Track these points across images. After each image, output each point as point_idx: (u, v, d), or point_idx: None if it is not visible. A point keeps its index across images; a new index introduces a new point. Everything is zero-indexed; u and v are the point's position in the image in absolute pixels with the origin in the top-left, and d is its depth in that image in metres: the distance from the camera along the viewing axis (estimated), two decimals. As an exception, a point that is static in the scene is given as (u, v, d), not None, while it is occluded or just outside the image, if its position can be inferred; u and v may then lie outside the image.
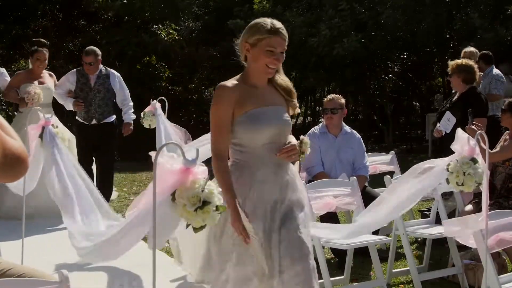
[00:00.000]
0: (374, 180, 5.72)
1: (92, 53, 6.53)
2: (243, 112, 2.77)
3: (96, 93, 6.55)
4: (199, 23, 15.42)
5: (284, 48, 2.80)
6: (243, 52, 2.86)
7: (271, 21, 2.79)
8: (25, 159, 1.76)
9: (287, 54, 2.85)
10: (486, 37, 10.71)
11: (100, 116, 6.58)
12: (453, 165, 2.98)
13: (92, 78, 6.56)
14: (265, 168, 2.78)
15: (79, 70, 6.66)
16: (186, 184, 2.31)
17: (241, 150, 2.81)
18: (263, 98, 2.83)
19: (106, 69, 6.70)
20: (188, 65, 14.42)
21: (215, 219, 2.34)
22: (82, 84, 6.56)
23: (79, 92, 6.57)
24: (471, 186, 2.98)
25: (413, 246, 5.40)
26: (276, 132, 2.82)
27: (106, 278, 4.35)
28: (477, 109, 5.39)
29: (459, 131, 3.07)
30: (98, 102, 6.55)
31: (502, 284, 3.24)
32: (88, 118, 6.58)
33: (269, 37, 2.74)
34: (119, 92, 6.67)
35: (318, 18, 12.87)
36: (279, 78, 2.92)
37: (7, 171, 1.73)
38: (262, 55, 2.75)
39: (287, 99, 2.94)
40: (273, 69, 2.81)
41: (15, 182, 3.95)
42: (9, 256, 3.50)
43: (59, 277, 1.98)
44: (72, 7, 14.34)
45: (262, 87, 2.86)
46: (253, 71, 2.84)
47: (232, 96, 2.77)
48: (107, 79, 6.62)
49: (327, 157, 5.19)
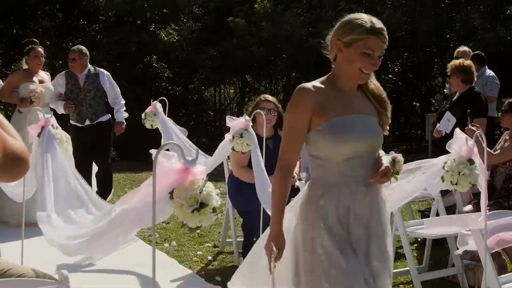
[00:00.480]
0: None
1: (76, 50, 6.49)
2: (324, 120, 2.39)
3: (86, 92, 6.45)
4: (199, 23, 15.42)
5: (383, 52, 2.42)
6: (333, 51, 2.48)
7: (370, 19, 2.43)
8: (26, 159, 1.74)
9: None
10: (486, 37, 10.71)
11: (93, 115, 6.47)
12: (450, 164, 3.00)
13: (81, 78, 6.46)
14: (347, 187, 2.41)
15: (67, 72, 6.58)
16: (184, 184, 2.31)
17: (320, 165, 2.45)
18: (351, 105, 2.45)
19: (95, 69, 6.59)
20: (188, 65, 14.41)
21: (211, 220, 2.35)
22: (72, 85, 6.47)
23: (69, 93, 6.48)
24: (465, 186, 2.99)
25: (413, 246, 5.41)
26: (363, 146, 2.42)
27: (106, 278, 4.35)
28: (477, 109, 5.40)
29: (457, 131, 3.08)
30: (89, 102, 6.45)
31: (502, 284, 3.24)
32: (81, 119, 6.48)
33: (368, 38, 2.37)
34: (109, 90, 6.56)
35: (318, 18, 12.88)
36: (371, 83, 2.53)
37: (7, 171, 1.71)
38: (356, 57, 2.38)
39: (379, 110, 2.52)
40: (367, 75, 2.44)
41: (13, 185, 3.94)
42: (9, 256, 3.51)
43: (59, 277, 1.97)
44: (72, 7, 14.33)
45: (350, 92, 2.48)
46: (343, 74, 2.45)
47: (312, 100, 2.39)
48: (96, 78, 6.51)
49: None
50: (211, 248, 5.44)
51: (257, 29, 13.35)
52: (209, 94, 17.27)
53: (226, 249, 5.35)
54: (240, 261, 4.92)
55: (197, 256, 5.15)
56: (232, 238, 5.06)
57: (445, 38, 12.66)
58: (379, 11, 12.23)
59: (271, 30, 12.92)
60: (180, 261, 4.98)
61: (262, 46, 13.32)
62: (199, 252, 5.29)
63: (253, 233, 4.75)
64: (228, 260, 5.09)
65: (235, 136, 4.14)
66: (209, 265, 4.95)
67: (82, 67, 6.45)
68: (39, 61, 6.38)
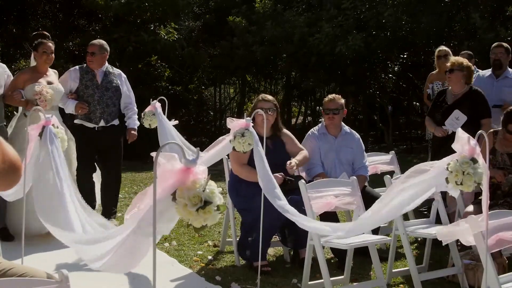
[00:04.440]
0: (374, 180, 5.73)
1: (97, 44, 5.96)
2: None
3: (104, 91, 5.90)
4: (199, 22, 15.43)
5: None
6: None
7: None
8: (20, 168, 1.82)
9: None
10: (486, 37, 10.71)
11: (108, 117, 5.91)
12: (453, 165, 2.99)
13: (99, 74, 5.92)
14: None
15: (82, 67, 5.99)
16: (186, 184, 2.30)
17: None
18: None
19: (112, 68, 6.13)
20: (188, 65, 14.42)
21: (216, 219, 2.34)
22: (88, 81, 5.88)
23: (84, 89, 5.86)
24: (470, 186, 2.97)
25: (413, 246, 5.41)
26: None
27: (106, 278, 4.35)
28: (484, 109, 5.39)
29: (459, 131, 3.07)
30: (106, 101, 5.89)
31: (502, 284, 3.24)
32: (96, 119, 5.86)
33: None
34: (125, 94, 6.07)
35: (318, 18, 12.88)
36: None
37: (3, 179, 1.78)
38: None
39: None
40: None
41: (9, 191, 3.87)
42: (9, 256, 3.51)
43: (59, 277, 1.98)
44: (72, 6, 14.34)
45: None
46: None
47: None
48: (114, 78, 6.02)
49: (327, 157, 5.20)
50: (211, 248, 5.44)
51: (257, 29, 13.35)
52: (209, 94, 17.27)
53: (226, 249, 5.35)
54: (240, 261, 4.93)
55: (197, 256, 5.15)
56: (232, 237, 5.06)
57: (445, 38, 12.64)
58: (380, 10, 12.23)
59: (271, 29, 12.93)
60: (180, 260, 4.99)
61: (262, 45, 13.33)
62: (199, 251, 5.29)
63: (250, 232, 4.77)
64: (228, 259, 5.10)
65: (236, 136, 4.13)
66: (209, 265, 4.95)
67: (101, 63, 5.96)
68: (47, 58, 5.67)
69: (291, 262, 5.02)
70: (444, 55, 6.84)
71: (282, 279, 4.54)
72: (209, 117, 16.53)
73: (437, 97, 5.68)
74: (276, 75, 16.71)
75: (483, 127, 5.19)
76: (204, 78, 15.83)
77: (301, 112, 19.41)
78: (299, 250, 4.86)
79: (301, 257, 4.72)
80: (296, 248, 4.92)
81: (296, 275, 4.57)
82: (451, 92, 5.51)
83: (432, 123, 5.58)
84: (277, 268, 4.84)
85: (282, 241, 5.07)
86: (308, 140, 5.26)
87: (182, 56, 14.02)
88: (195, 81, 15.34)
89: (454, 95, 5.48)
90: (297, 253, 4.92)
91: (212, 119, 16.62)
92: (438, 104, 5.57)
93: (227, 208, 5.12)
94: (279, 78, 17.32)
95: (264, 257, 4.72)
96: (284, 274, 4.68)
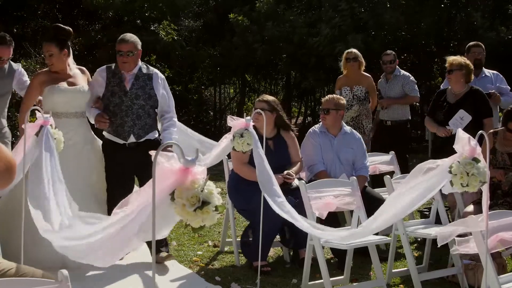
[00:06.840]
0: (374, 180, 5.72)
1: (131, 40, 4.79)
2: None
3: (133, 98, 4.74)
4: (199, 22, 15.42)
5: None
6: None
7: None
8: (15, 169, 1.86)
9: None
10: (487, 36, 10.72)
11: (140, 130, 4.77)
12: (456, 167, 2.95)
13: (128, 78, 4.78)
14: None
15: (109, 67, 4.88)
16: (185, 184, 2.30)
17: None
18: None
19: (147, 68, 4.93)
20: (188, 64, 14.42)
21: (214, 219, 2.34)
22: (114, 86, 4.77)
23: (109, 96, 4.76)
24: (476, 186, 2.96)
25: (413, 246, 5.41)
26: None
27: (106, 278, 4.35)
28: (486, 109, 5.39)
29: (459, 132, 3.05)
30: (137, 112, 4.75)
31: (502, 284, 3.24)
32: (124, 134, 4.74)
33: None
34: (162, 99, 4.86)
35: (318, 18, 12.88)
36: None
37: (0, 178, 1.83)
38: None
39: None
40: None
41: None
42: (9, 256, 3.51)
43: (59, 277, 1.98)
44: (72, 6, 14.34)
45: None
46: None
47: None
48: (148, 81, 4.82)
49: (327, 156, 5.19)
50: (211, 248, 5.44)
51: (258, 28, 13.35)
52: (209, 94, 17.27)
53: (226, 249, 5.35)
54: (240, 261, 4.93)
55: (197, 256, 5.15)
56: (232, 237, 5.06)
57: (445, 38, 12.65)
58: (379, 11, 12.23)
59: (271, 29, 12.93)
60: (180, 260, 4.98)
61: (263, 45, 13.33)
62: (199, 252, 5.29)
63: (248, 231, 4.78)
64: (228, 260, 5.09)
65: (236, 136, 4.14)
66: (209, 265, 4.95)
67: (136, 63, 4.84)
68: (49, 61, 4.73)
69: (291, 262, 5.02)
70: (353, 57, 6.78)
71: (282, 279, 4.54)
72: (209, 117, 16.51)
73: (437, 97, 5.67)
74: (276, 75, 16.69)
75: (486, 126, 5.19)
76: (204, 78, 15.82)
77: (301, 112, 19.40)
78: (299, 250, 4.86)
79: (301, 257, 4.72)
80: (296, 248, 4.92)
81: (296, 275, 4.57)
82: (451, 91, 5.51)
83: (433, 123, 5.57)
84: (277, 268, 4.84)
85: (282, 241, 5.07)
86: (309, 138, 5.26)
87: (182, 56, 14.02)
88: (195, 81, 15.34)
89: (455, 94, 5.47)
90: (297, 253, 4.92)
91: (212, 119, 16.61)
92: (439, 104, 5.56)
93: (227, 208, 5.12)
94: (279, 78, 17.31)
95: (264, 257, 4.72)
96: (284, 274, 4.68)
